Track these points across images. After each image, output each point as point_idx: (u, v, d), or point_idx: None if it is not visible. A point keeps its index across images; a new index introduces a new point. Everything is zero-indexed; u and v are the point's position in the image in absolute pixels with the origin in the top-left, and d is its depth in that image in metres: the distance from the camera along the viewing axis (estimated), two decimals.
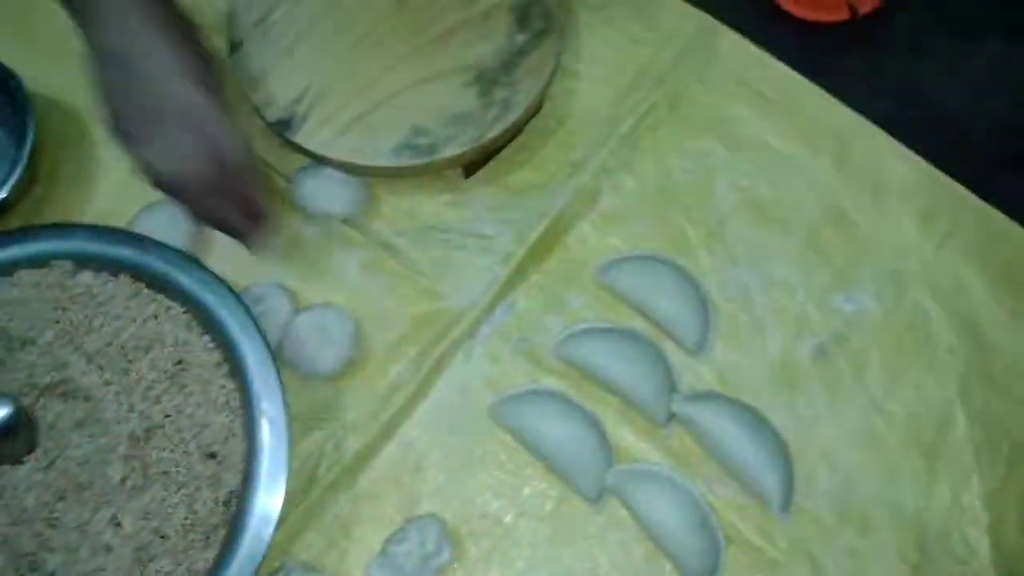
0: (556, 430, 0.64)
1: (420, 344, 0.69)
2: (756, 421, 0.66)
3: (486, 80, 0.69)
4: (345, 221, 0.71)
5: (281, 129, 0.67)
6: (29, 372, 0.60)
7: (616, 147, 0.74)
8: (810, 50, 0.79)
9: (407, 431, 0.67)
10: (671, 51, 0.77)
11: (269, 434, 0.58)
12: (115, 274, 0.62)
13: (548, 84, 0.71)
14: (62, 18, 0.76)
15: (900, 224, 0.73)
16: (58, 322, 0.60)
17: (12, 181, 0.66)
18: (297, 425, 0.61)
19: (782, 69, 0.77)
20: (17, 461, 0.59)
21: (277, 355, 0.62)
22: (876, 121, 0.75)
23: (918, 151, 0.74)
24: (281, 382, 0.59)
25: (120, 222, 0.70)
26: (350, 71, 0.69)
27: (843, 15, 0.79)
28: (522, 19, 0.70)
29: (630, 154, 0.74)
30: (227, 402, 0.60)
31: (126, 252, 0.62)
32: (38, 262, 0.62)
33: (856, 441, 0.67)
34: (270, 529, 0.56)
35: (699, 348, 0.68)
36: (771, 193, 0.74)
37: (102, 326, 0.60)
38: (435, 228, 0.72)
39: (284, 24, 0.70)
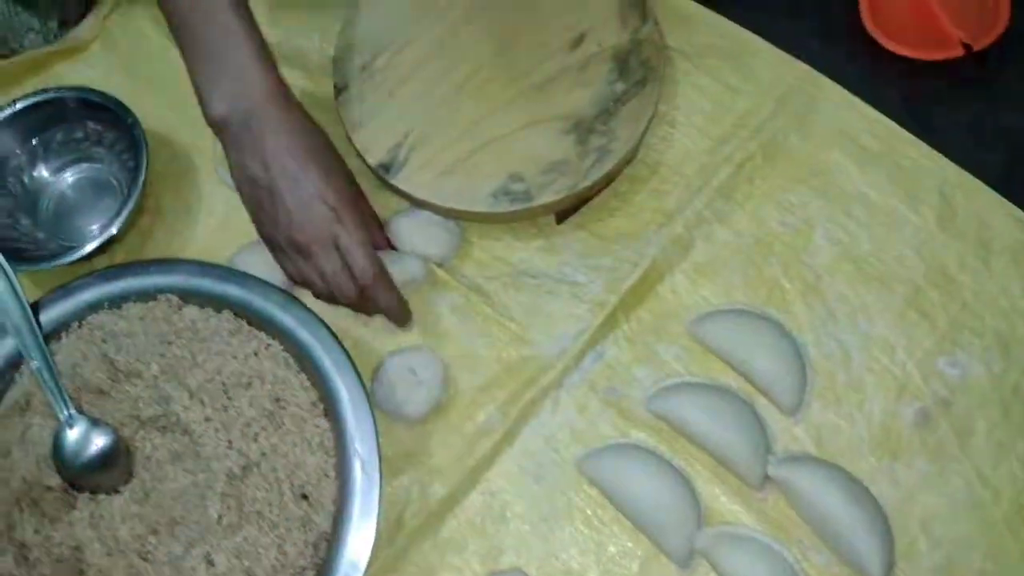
0: (645, 487, 0.63)
1: (508, 390, 0.68)
2: (854, 487, 0.63)
3: (584, 128, 0.69)
4: (438, 264, 0.72)
5: (382, 172, 0.68)
6: (133, 404, 0.61)
7: (711, 197, 0.73)
8: (915, 95, 0.76)
9: (492, 479, 0.67)
10: (769, 101, 0.76)
11: (361, 476, 0.59)
12: (219, 310, 0.63)
13: (645, 133, 0.70)
14: (173, 59, 0.80)
15: (1008, 286, 0.70)
16: (163, 355, 0.62)
17: (124, 216, 0.69)
18: (385, 467, 0.61)
19: (883, 120, 0.75)
20: (114, 491, 0.60)
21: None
22: (984, 176, 0.73)
23: None
24: (375, 424, 0.60)
25: (220, 258, 0.72)
26: (450, 117, 0.70)
27: (955, 52, 0.75)
28: (621, 68, 0.70)
29: (724, 204, 0.73)
30: (321, 442, 0.60)
31: (230, 288, 0.63)
32: (146, 295, 0.64)
33: (960, 514, 0.64)
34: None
35: (795, 408, 0.66)
36: (871, 248, 0.72)
37: (205, 361, 0.61)
38: (526, 273, 0.72)
39: (387, 70, 0.72)
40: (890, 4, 0.79)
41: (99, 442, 0.60)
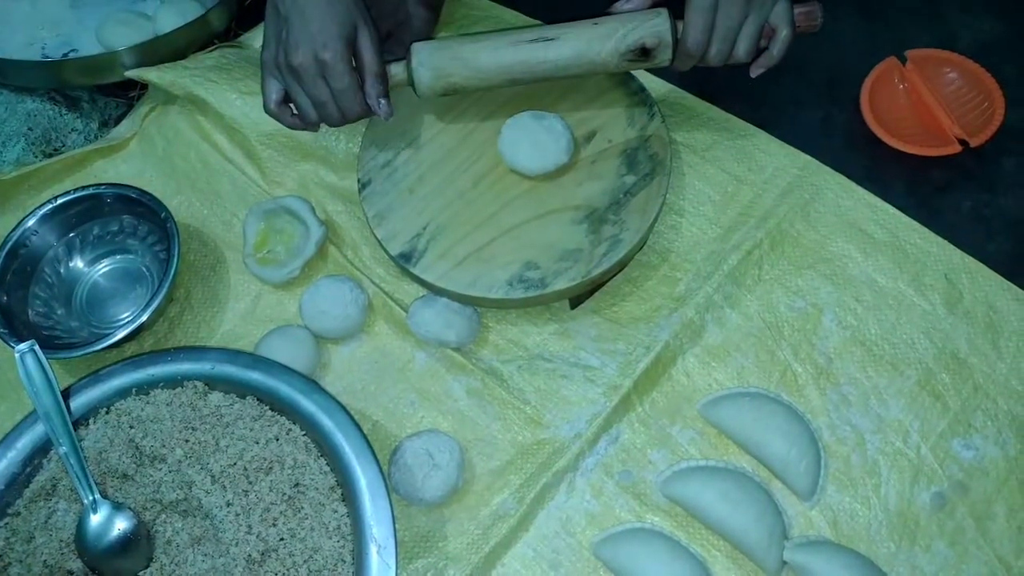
0: (661, 573, 0.63)
1: (524, 474, 0.69)
2: (873, 573, 0.63)
3: (596, 218, 0.72)
4: (455, 348, 0.74)
5: (402, 262, 0.71)
6: (156, 488, 0.63)
7: (720, 282, 0.75)
8: (919, 187, 0.80)
9: (508, 563, 0.67)
10: (775, 191, 0.79)
11: (377, 562, 0.59)
12: (243, 396, 0.65)
13: (654, 222, 0.73)
14: (206, 156, 0.85)
15: (1019, 367, 0.71)
16: (188, 441, 0.63)
17: (154, 305, 0.72)
18: (401, 552, 0.61)
19: (887, 208, 0.78)
20: (134, 575, 0.61)
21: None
22: (988, 262, 0.75)
23: None
24: (392, 509, 0.60)
25: (245, 344, 0.75)
26: (467, 209, 0.73)
27: (954, 149, 0.79)
28: (631, 162, 0.73)
29: (735, 289, 0.75)
30: (338, 527, 0.61)
31: (254, 375, 0.65)
32: (173, 382, 0.66)
33: None
34: None
35: (810, 492, 0.66)
36: (880, 332, 0.73)
37: (228, 446, 0.63)
38: (541, 357, 0.74)
39: (407, 167, 0.75)
40: (890, 103, 0.83)
41: (121, 526, 0.61)
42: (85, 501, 0.61)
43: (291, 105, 0.69)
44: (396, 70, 0.69)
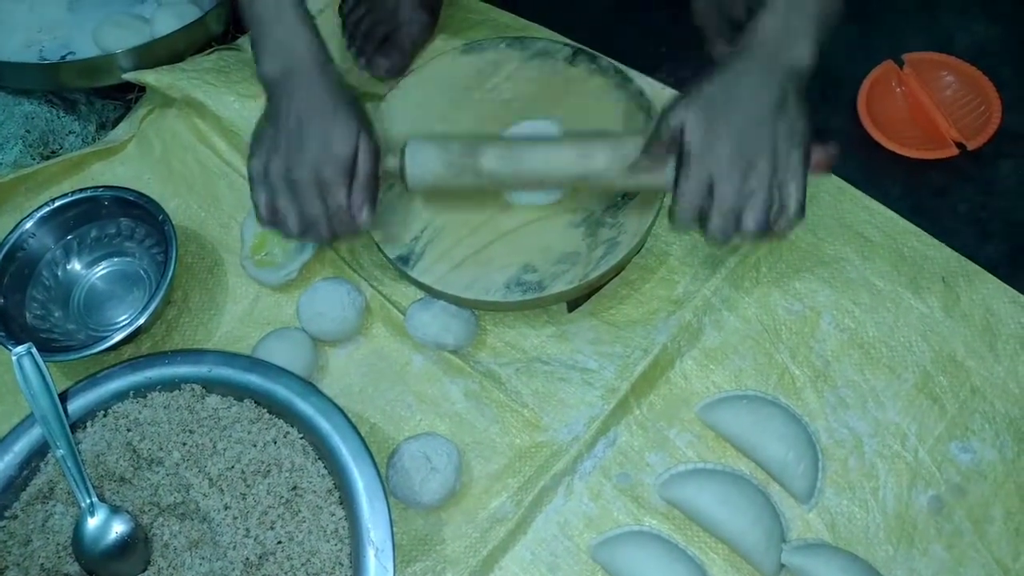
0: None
1: (521, 477, 0.69)
2: None
3: (593, 221, 0.72)
4: (453, 352, 0.74)
5: (400, 265, 0.71)
6: (153, 492, 0.62)
7: (718, 285, 0.75)
8: (916, 190, 0.80)
9: (506, 567, 0.66)
10: None
11: (375, 565, 0.59)
12: (241, 398, 0.65)
13: (652, 225, 0.73)
14: (203, 158, 0.85)
15: (1016, 370, 0.71)
16: (185, 444, 0.63)
17: (152, 307, 0.72)
18: (398, 556, 0.61)
19: (884, 211, 0.78)
20: None
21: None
22: (985, 264, 0.75)
23: None
24: (389, 513, 0.60)
25: (243, 347, 0.74)
26: (465, 213, 0.73)
27: (951, 152, 0.79)
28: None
29: (732, 292, 0.75)
30: (336, 530, 0.61)
31: (252, 378, 0.65)
32: (171, 385, 0.66)
33: None
34: None
35: (808, 495, 0.66)
36: (878, 334, 0.73)
37: (225, 449, 0.63)
38: (539, 360, 0.74)
39: None
40: (887, 106, 0.83)
41: (118, 529, 0.61)
42: (82, 504, 0.61)
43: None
44: (389, 163, 0.67)
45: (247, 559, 0.59)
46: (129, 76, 0.85)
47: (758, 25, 0.60)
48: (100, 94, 0.91)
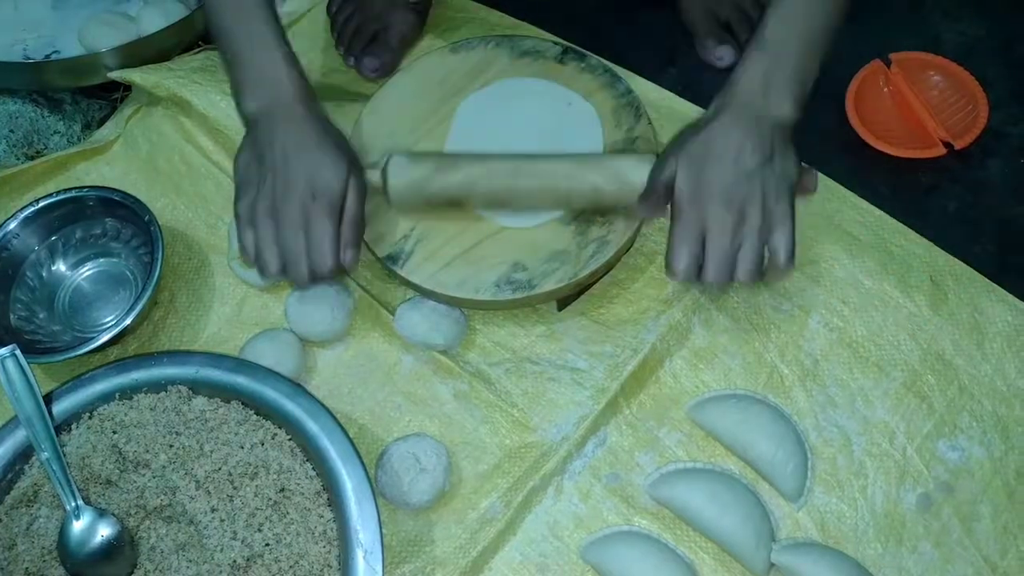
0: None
1: (511, 477, 0.69)
2: (860, 575, 0.63)
3: (583, 220, 0.72)
4: (442, 352, 0.73)
5: (389, 264, 0.71)
6: (140, 494, 0.62)
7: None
8: (904, 189, 0.80)
9: (496, 568, 0.66)
10: None
11: (364, 567, 0.59)
12: (228, 400, 0.65)
13: (641, 224, 0.73)
14: (190, 158, 0.84)
15: (1004, 369, 0.71)
16: (172, 446, 0.63)
17: (138, 308, 0.71)
18: (387, 557, 0.61)
19: (872, 210, 0.78)
20: None
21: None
22: (973, 263, 0.75)
23: (1022, 295, 0.73)
24: (378, 514, 0.60)
25: (231, 348, 0.74)
26: (455, 210, 0.72)
27: (938, 151, 0.79)
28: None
29: (721, 291, 0.75)
30: (324, 532, 0.61)
31: (240, 379, 0.65)
32: (157, 386, 0.65)
33: None
34: None
35: (797, 493, 0.67)
36: (866, 333, 0.73)
37: (212, 451, 0.62)
38: (528, 360, 0.74)
39: None
40: (875, 106, 0.83)
41: (104, 533, 0.60)
42: (67, 507, 0.61)
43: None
44: (372, 177, 0.67)
45: (234, 562, 0.58)
46: (114, 75, 0.84)
47: (740, 79, 0.61)
48: (85, 93, 0.90)
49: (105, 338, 0.71)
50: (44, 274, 0.79)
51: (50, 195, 0.77)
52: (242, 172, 0.64)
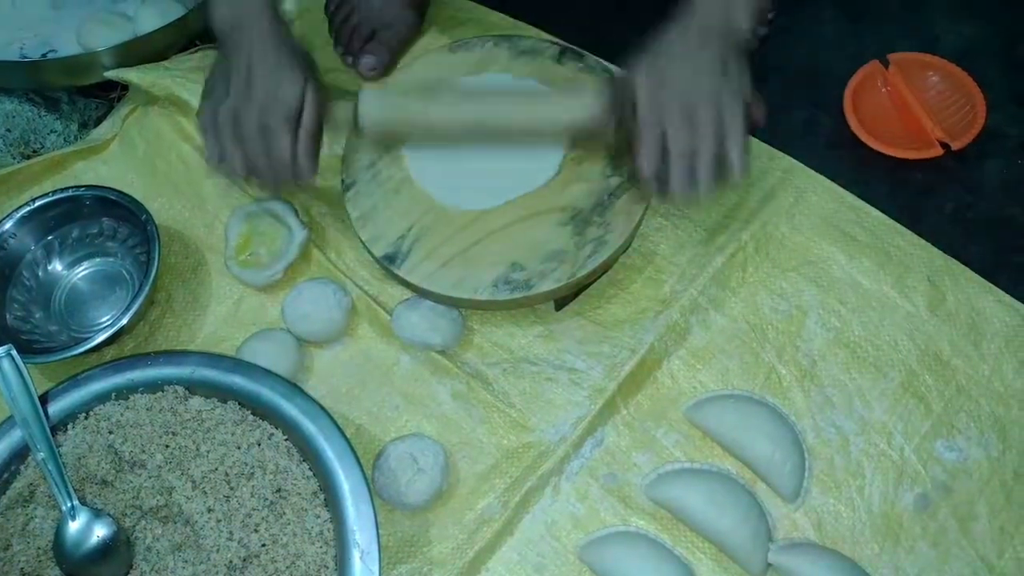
0: None
1: (508, 478, 0.69)
2: (857, 575, 0.63)
3: (581, 220, 0.71)
4: (440, 352, 0.73)
5: (386, 263, 0.71)
6: (136, 494, 0.62)
7: (705, 284, 0.75)
8: (902, 189, 0.80)
9: (493, 569, 0.66)
10: (758, 193, 0.79)
11: (360, 567, 0.58)
12: (224, 400, 0.65)
13: (639, 224, 0.73)
14: (187, 157, 0.84)
15: (1001, 369, 0.71)
16: (168, 446, 0.63)
17: (134, 308, 0.71)
18: (384, 557, 0.61)
19: (870, 211, 0.78)
20: None
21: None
22: (970, 263, 0.75)
23: (1019, 296, 0.73)
24: (375, 514, 0.60)
25: (227, 348, 0.74)
26: (451, 211, 0.72)
27: (936, 152, 0.79)
28: (616, 163, 0.73)
29: (719, 292, 0.75)
30: (321, 532, 0.60)
31: (236, 379, 0.65)
32: (154, 386, 0.65)
33: None
34: None
35: (795, 494, 0.66)
36: (864, 334, 0.73)
37: (209, 451, 0.62)
38: (526, 360, 0.73)
39: (392, 168, 0.75)
40: (873, 106, 0.83)
41: (100, 533, 0.60)
42: (63, 508, 0.60)
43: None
44: (342, 112, 0.69)
45: (231, 562, 0.58)
46: (111, 74, 0.84)
47: None
48: (82, 92, 0.90)
49: (101, 338, 0.70)
50: (40, 273, 0.78)
51: (46, 194, 0.77)
52: (208, 81, 0.67)
